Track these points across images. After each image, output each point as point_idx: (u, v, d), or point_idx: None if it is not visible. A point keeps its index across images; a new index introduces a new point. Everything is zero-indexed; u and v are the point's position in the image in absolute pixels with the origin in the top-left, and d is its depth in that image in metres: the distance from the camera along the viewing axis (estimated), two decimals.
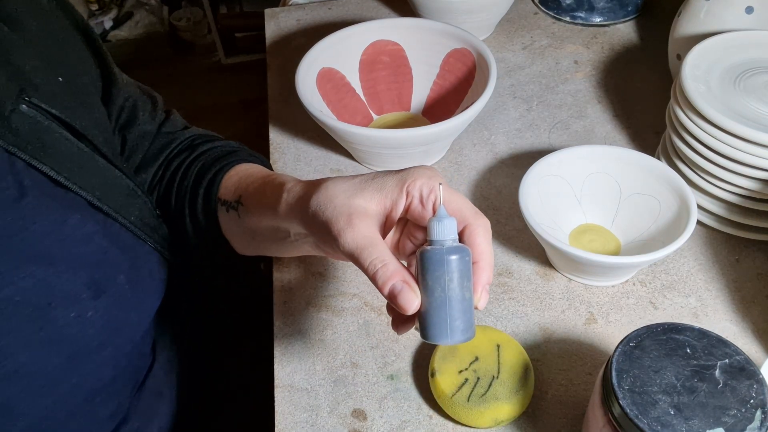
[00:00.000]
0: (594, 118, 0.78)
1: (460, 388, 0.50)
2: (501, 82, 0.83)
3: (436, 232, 0.39)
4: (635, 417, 0.38)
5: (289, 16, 0.98)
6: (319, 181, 0.45)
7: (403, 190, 0.42)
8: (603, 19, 0.91)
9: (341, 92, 0.76)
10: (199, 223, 0.58)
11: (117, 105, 0.60)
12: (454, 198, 0.42)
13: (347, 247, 0.40)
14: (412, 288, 0.39)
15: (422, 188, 0.42)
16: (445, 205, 0.41)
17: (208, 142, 0.64)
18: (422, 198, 0.42)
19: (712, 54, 0.64)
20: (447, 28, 0.75)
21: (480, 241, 0.41)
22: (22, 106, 0.46)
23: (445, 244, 0.39)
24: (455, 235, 0.40)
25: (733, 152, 0.56)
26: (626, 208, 0.63)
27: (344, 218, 0.41)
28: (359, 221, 0.41)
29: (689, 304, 0.59)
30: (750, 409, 0.37)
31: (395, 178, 0.43)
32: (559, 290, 0.61)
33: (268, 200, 0.50)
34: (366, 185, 0.43)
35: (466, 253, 0.39)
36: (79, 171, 0.50)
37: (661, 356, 0.40)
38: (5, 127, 0.45)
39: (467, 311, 0.39)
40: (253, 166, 0.59)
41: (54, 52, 0.52)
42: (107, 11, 2.44)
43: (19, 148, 0.45)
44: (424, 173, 0.42)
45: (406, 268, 0.40)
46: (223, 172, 0.58)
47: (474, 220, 0.41)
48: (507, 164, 0.73)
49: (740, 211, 0.61)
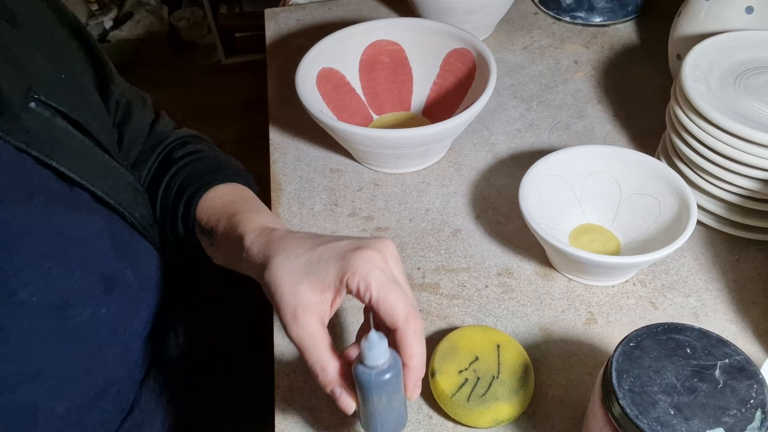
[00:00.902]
0: (594, 118, 0.78)
1: (460, 388, 0.50)
2: (501, 82, 0.83)
3: (367, 358, 0.41)
4: (635, 417, 0.38)
5: (289, 16, 0.98)
6: (271, 248, 0.46)
7: (342, 283, 0.43)
8: (603, 19, 0.91)
9: (341, 92, 0.76)
10: (179, 236, 0.59)
11: (113, 101, 0.60)
12: (389, 297, 0.42)
13: (293, 340, 0.43)
14: (349, 393, 0.43)
15: (359, 284, 0.42)
16: (377, 305, 0.42)
17: (197, 143, 0.64)
18: (360, 293, 0.42)
19: (712, 54, 0.64)
20: (447, 28, 0.75)
21: (410, 344, 0.42)
22: (31, 104, 0.46)
23: (374, 369, 0.41)
24: (386, 357, 0.41)
25: (733, 152, 0.56)
26: (626, 208, 0.63)
27: (290, 311, 0.43)
28: (303, 317, 0.43)
29: (689, 304, 0.59)
30: (750, 409, 0.37)
31: (336, 268, 0.43)
32: (559, 290, 0.61)
33: (233, 248, 0.51)
34: (311, 271, 0.43)
35: (397, 371, 0.41)
36: (88, 168, 0.50)
37: (661, 356, 0.40)
38: (16, 125, 0.45)
39: (398, 416, 0.44)
40: (229, 191, 0.58)
41: (55, 49, 0.53)
42: (107, 11, 2.44)
43: (29, 145, 0.45)
44: (363, 266, 0.42)
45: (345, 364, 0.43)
46: (203, 191, 0.57)
47: (404, 325, 0.42)
48: (507, 164, 0.73)
49: (740, 211, 0.61)
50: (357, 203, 0.70)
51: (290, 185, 0.72)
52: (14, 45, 0.48)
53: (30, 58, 0.49)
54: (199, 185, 0.58)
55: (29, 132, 0.46)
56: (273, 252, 0.46)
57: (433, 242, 0.65)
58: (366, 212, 0.69)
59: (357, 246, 0.43)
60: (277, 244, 0.46)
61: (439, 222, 0.67)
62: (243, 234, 0.49)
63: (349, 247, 0.43)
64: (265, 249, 0.47)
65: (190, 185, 0.58)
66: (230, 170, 0.61)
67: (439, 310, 0.60)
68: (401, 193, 0.71)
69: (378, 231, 0.67)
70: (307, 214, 0.69)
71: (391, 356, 0.41)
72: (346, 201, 0.70)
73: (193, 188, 0.58)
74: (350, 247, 0.43)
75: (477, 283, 0.62)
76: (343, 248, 0.44)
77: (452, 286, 0.61)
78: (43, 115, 0.47)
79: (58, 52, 0.53)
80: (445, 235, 0.66)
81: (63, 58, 0.53)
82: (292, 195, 0.71)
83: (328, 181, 0.73)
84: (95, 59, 0.58)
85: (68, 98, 0.50)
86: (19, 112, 0.45)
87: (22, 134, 0.45)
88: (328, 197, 0.71)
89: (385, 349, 0.41)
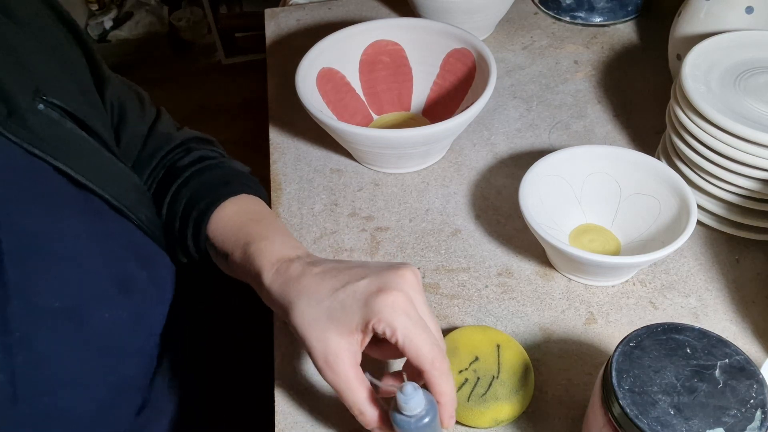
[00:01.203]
0: (594, 118, 0.78)
1: (460, 388, 0.50)
2: (501, 82, 0.83)
3: (405, 409, 0.41)
4: (635, 417, 0.38)
5: (289, 16, 0.98)
6: (291, 291, 0.46)
7: (368, 328, 0.43)
8: (603, 19, 0.91)
9: (341, 92, 0.76)
10: (190, 253, 0.59)
11: (108, 103, 0.59)
12: (414, 342, 0.42)
13: (330, 383, 0.44)
14: None
15: (385, 330, 0.42)
16: (403, 349, 0.43)
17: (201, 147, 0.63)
18: (386, 336, 0.43)
19: (712, 54, 0.64)
20: (447, 28, 0.75)
21: (438, 384, 0.43)
22: (39, 106, 0.46)
23: (413, 417, 0.42)
24: (423, 404, 0.42)
25: (733, 152, 0.56)
26: (626, 208, 0.63)
27: (321, 358, 0.44)
28: (335, 363, 0.43)
29: (689, 304, 0.59)
30: (750, 409, 0.37)
31: (360, 315, 0.43)
32: (559, 290, 0.61)
33: (251, 279, 0.51)
34: (335, 318, 0.44)
35: (433, 413, 0.42)
36: (96, 170, 0.50)
37: (661, 356, 0.40)
38: (25, 128, 0.45)
39: None
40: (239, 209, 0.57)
41: (56, 48, 0.52)
42: (107, 11, 2.44)
43: (39, 148, 0.45)
44: (387, 313, 0.42)
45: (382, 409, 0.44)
46: (213, 208, 0.57)
47: (431, 368, 0.42)
48: (507, 164, 0.73)
49: (740, 211, 0.61)
50: (357, 203, 0.70)
51: (290, 185, 0.72)
52: (18, 43, 0.48)
53: (35, 58, 0.48)
54: (208, 201, 0.57)
55: (38, 135, 0.45)
56: (293, 296, 0.46)
57: (433, 242, 0.65)
58: (366, 212, 0.69)
59: (379, 288, 0.43)
60: (296, 286, 0.46)
61: (439, 222, 0.67)
62: (260, 270, 0.49)
63: (371, 290, 0.43)
64: (285, 291, 0.47)
65: (199, 201, 0.57)
66: (238, 181, 0.60)
67: (439, 310, 0.60)
68: (401, 193, 0.71)
69: (378, 231, 0.67)
70: (307, 214, 0.69)
71: (427, 401, 0.42)
72: (347, 201, 0.70)
73: (202, 204, 0.57)
74: (372, 290, 0.43)
75: (477, 283, 0.62)
76: (365, 292, 0.43)
77: (452, 286, 0.61)
78: (51, 116, 0.47)
79: (60, 50, 0.53)
80: (445, 235, 0.66)
81: (65, 58, 0.53)
82: (292, 195, 0.71)
83: (328, 181, 0.73)
84: (90, 59, 0.58)
85: (74, 98, 0.50)
86: (28, 114, 0.45)
87: (32, 137, 0.45)
88: (328, 197, 0.71)
89: (421, 398, 0.42)
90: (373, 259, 0.64)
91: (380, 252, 0.65)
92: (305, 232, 0.67)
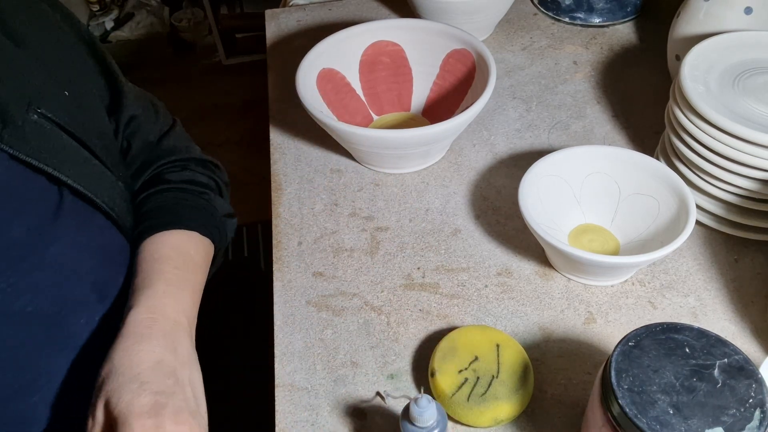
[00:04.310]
0: (593, 118, 0.78)
1: (460, 388, 0.50)
2: (500, 83, 0.83)
3: (419, 420, 0.43)
4: (634, 416, 0.38)
5: (289, 17, 0.98)
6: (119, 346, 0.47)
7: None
8: (602, 19, 0.91)
9: (341, 93, 0.76)
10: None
11: (125, 116, 0.60)
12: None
13: None
14: None
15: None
16: None
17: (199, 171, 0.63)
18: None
19: (711, 54, 0.64)
20: (447, 28, 0.75)
21: None
22: (33, 116, 0.47)
23: (425, 428, 0.44)
24: (435, 416, 0.44)
25: (732, 152, 0.57)
26: (625, 208, 0.63)
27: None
28: None
29: (688, 304, 0.59)
30: (749, 408, 0.38)
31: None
32: (559, 290, 0.61)
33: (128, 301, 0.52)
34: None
35: (443, 427, 0.44)
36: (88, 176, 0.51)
37: (660, 356, 0.40)
38: (18, 136, 0.46)
39: None
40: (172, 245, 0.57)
41: (59, 66, 0.54)
42: (108, 12, 2.44)
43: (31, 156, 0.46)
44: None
45: None
46: (153, 231, 0.57)
47: None
48: (507, 164, 0.73)
49: (739, 211, 0.61)
50: (357, 203, 0.70)
51: (290, 185, 0.73)
52: (17, 64, 0.49)
53: (32, 76, 0.50)
54: (153, 223, 0.57)
55: (31, 143, 0.47)
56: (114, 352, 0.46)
57: (433, 242, 0.66)
58: (366, 212, 0.69)
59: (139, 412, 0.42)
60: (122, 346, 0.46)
61: (439, 222, 0.68)
62: (132, 305, 0.50)
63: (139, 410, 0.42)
64: (122, 338, 0.47)
65: (149, 219, 0.58)
66: (197, 216, 0.60)
67: (439, 309, 0.60)
68: (401, 193, 0.71)
69: (378, 231, 0.67)
70: (307, 214, 0.69)
71: (439, 414, 0.44)
72: (347, 201, 0.70)
73: (148, 223, 0.57)
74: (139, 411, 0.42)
75: (477, 282, 0.62)
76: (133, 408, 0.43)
77: (452, 285, 0.62)
78: (44, 126, 0.48)
79: (64, 67, 0.54)
80: (445, 235, 0.66)
81: (68, 74, 0.54)
82: (292, 195, 0.71)
83: (329, 181, 0.73)
84: (107, 73, 0.59)
85: (67, 111, 0.51)
86: (22, 123, 0.47)
87: (24, 145, 0.46)
88: (328, 197, 0.71)
89: (434, 411, 0.43)
90: (373, 258, 0.64)
91: (380, 252, 0.65)
92: (305, 232, 0.67)
